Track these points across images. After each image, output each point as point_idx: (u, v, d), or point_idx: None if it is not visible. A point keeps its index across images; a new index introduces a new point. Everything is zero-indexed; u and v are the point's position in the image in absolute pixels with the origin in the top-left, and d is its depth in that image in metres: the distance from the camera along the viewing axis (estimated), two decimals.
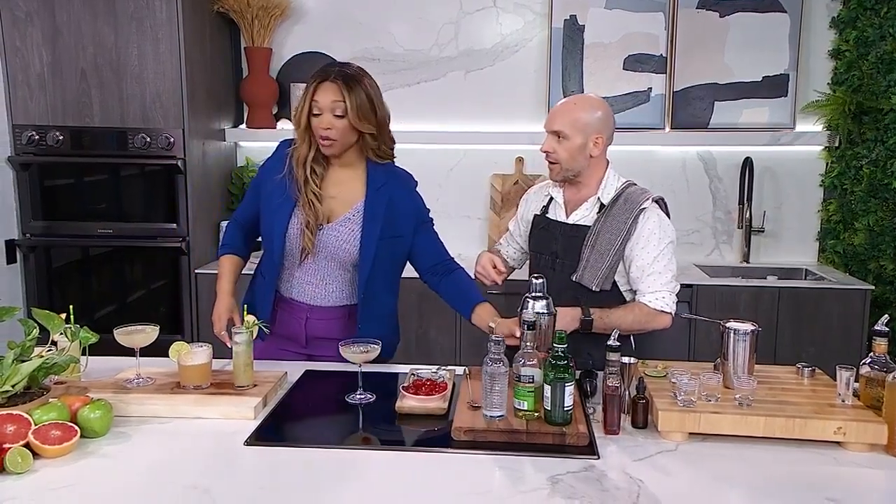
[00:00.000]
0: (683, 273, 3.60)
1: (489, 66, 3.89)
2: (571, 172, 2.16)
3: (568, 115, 2.12)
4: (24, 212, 3.51)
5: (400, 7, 3.86)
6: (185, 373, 1.84)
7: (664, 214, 2.16)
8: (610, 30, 3.79)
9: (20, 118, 3.45)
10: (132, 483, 1.49)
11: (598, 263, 2.12)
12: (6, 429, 1.53)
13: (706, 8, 3.74)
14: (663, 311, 2.11)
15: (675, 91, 3.79)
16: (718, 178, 3.90)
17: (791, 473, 1.57)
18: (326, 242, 2.12)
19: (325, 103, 2.01)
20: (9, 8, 3.38)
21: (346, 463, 1.59)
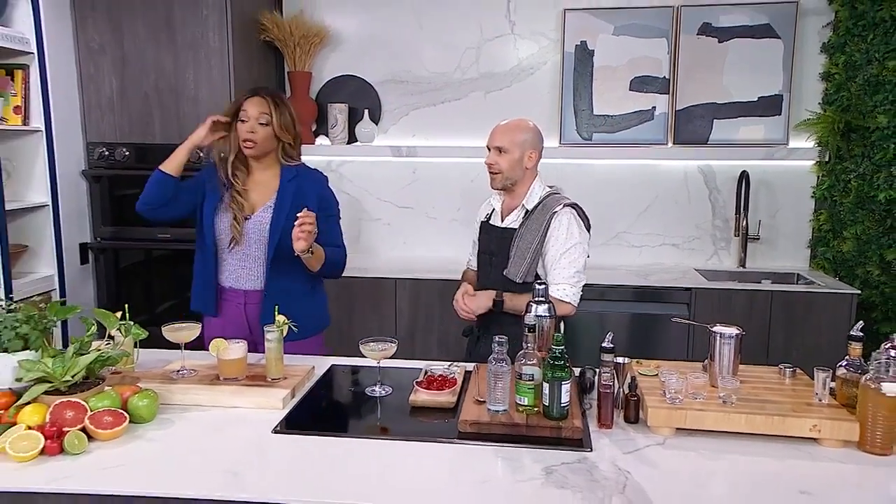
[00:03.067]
0: (683, 276, 3.56)
1: (507, 87, 3.88)
2: (510, 181, 2.27)
3: (508, 134, 2.24)
4: (95, 218, 3.59)
5: (426, 34, 3.87)
6: (222, 366, 1.87)
7: (576, 219, 2.24)
8: (617, 54, 3.75)
9: (93, 136, 3.53)
10: (172, 465, 1.52)
11: (521, 260, 2.22)
12: (65, 414, 1.57)
13: (706, 34, 3.68)
14: (563, 300, 2.19)
15: (677, 110, 3.74)
16: (717, 189, 3.84)
17: (768, 467, 1.55)
18: (249, 231, 2.25)
19: (253, 113, 2.22)
20: (85, 41, 3.46)
21: (365, 451, 1.60)
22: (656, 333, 3.39)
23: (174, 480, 1.45)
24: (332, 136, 3.88)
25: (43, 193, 3.31)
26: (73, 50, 3.46)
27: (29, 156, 3.29)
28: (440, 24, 3.85)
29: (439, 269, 3.55)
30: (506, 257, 2.23)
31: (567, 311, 2.21)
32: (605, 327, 3.41)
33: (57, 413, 1.57)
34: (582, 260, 2.24)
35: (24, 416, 1.58)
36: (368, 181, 4.01)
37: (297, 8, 3.88)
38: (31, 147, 3.28)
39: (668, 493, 1.42)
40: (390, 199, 4.01)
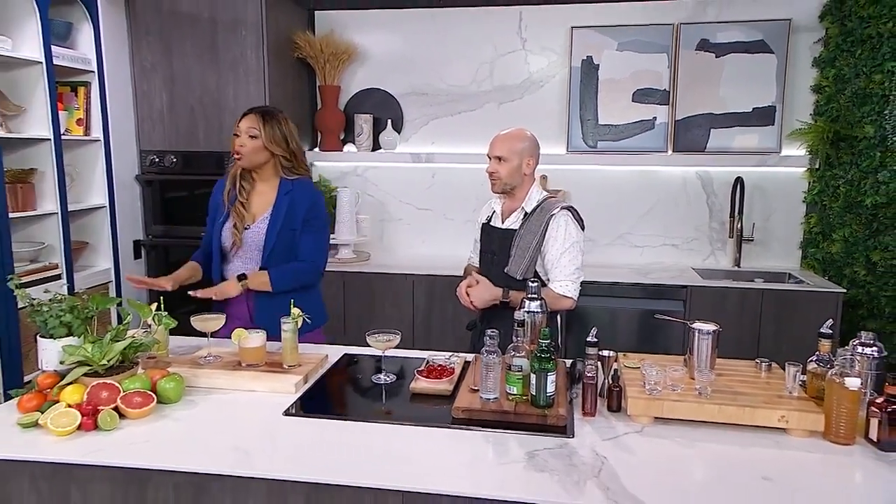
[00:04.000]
0: (681, 275, 3.50)
1: (518, 98, 3.86)
2: (509, 186, 2.26)
3: (506, 143, 2.23)
4: (147, 218, 3.67)
5: (445, 51, 3.87)
6: (243, 353, 1.90)
7: (572, 220, 2.23)
8: (621, 68, 3.70)
9: (146, 145, 3.60)
10: (191, 443, 1.55)
11: (521, 258, 2.21)
12: (101, 394, 1.61)
13: (704, 50, 3.61)
14: (565, 295, 2.19)
15: (676, 120, 3.68)
16: (714, 193, 3.77)
17: (735, 455, 1.52)
18: (248, 238, 2.28)
19: (243, 127, 2.25)
20: (139, 61, 3.54)
21: (367, 433, 1.61)
22: (655, 328, 3.34)
23: (192, 457, 1.48)
24: (358, 144, 3.90)
25: (101, 196, 3.39)
26: (129, 68, 3.54)
27: (90, 163, 3.37)
28: (457, 42, 3.84)
29: (454, 266, 3.53)
30: (506, 256, 2.23)
31: (568, 305, 2.22)
32: (606, 322, 3.39)
33: (93, 393, 1.61)
34: (580, 258, 2.23)
35: (66, 395, 1.62)
36: (391, 185, 4.02)
37: (327, 28, 3.90)
38: (91, 155, 3.36)
39: (639, 477, 1.41)
40: (411, 201, 4.02)
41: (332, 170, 4.04)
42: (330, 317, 2.53)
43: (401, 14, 3.87)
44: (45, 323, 1.70)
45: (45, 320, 1.70)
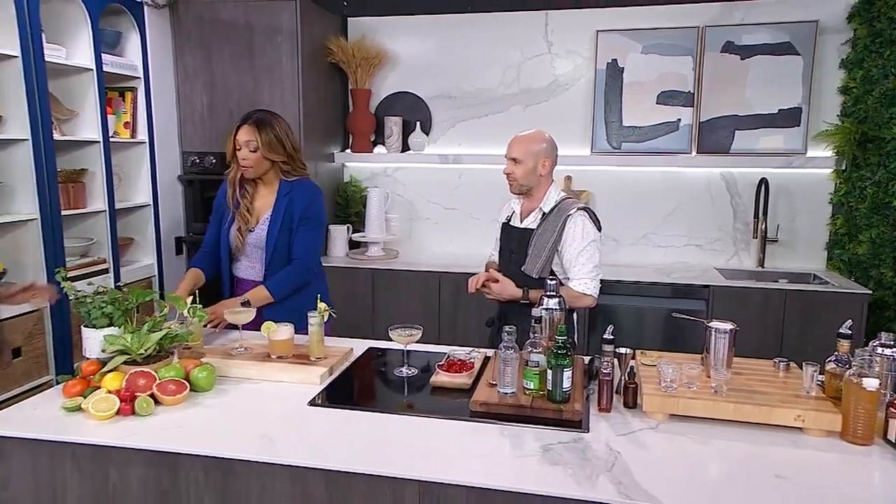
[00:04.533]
0: (704, 275, 3.44)
1: (544, 101, 3.82)
2: (526, 187, 2.24)
3: (522, 146, 2.21)
4: (188, 216, 3.74)
5: (472, 55, 3.86)
6: (272, 345, 1.93)
7: (589, 221, 2.21)
8: (645, 70, 3.64)
9: (187, 146, 3.68)
10: (221, 428, 1.58)
11: (538, 257, 2.19)
12: (138, 382, 1.66)
13: (729, 52, 3.53)
14: (585, 293, 2.18)
15: (701, 121, 3.60)
16: (738, 194, 3.68)
17: (750, 453, 1.49)
18: (251, 240, 2.34)
19: (242, 141, 2.26)
20: (182, 66, 3.61)
21: (388, 424, 1.62)
22: (679, 328, 3.27)
23: (221, 443, 1.51)
24: (388, 146, 3.93)
25: (146, 195, 3.47)
26: (173, 74, 3.62)
27: (135, 164, 3.46)
28: (485, 46, 3.83)
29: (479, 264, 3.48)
30: (524, 255, 2.22)
31: (588, 302, 2.20)
32: (630, 321, 3.35)
33: (131, 380, 1.66)
34: (597, 256, 2.21)
35: (106, 381, 1.67)
36: (419, 185, 4.03)
37: (359, 34, 3.93)
38: (137, 156, 3.45)
39: (652, 473, 1.39)
40: (438, 201, 4.02)
41: (363, 170, 4.07)
42: (339, 312, 2.56)
43: (430, 20, 3.88)
44: (88, 314, 1.76)
45: (88, 311, 1.76)
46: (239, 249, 2.36)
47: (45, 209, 2.75)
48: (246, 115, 2.32)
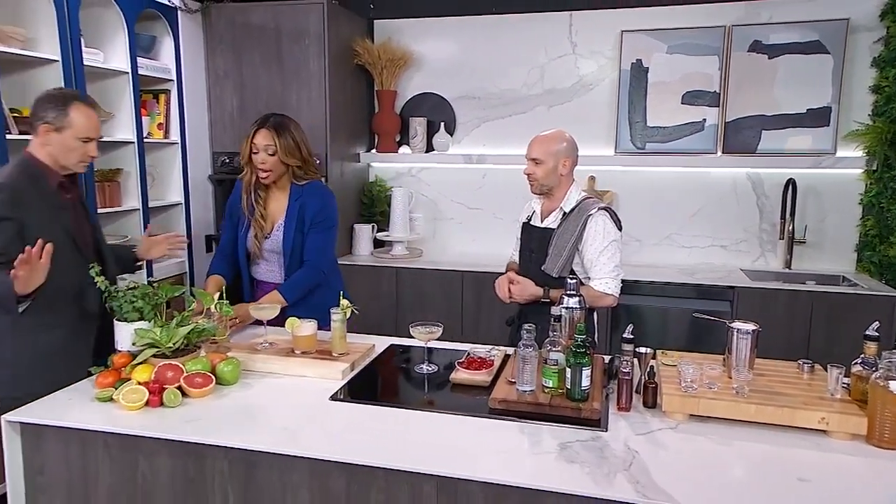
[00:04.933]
0: (728, 276, 3.37)
1: (568, 101, 3.79)
2: (546, 187, 2.22)
3: (542, 146, 2.19)
4: (218, 214, 3.81)
5: (496, 56, 3.84)
6: (296, 341, 1.95)
7: (610, 220, 2.18)
8: (670, 70, 3.59)
9: (217, 147, 3.74)
10: (244, 421, 1.61)
11: (558, 256, 2.17)
12: (166, 374, 1.69)
13: (756, 51, 3.46)
14: (606, 293, 2.16)
15: (726, 121, 3.54)
16: (765, 195, 3.60)
17: (772, 455, 1.45)
18: (267, 245, 2.36)
19: (260, 144, 2.25)
20: (213, 69, 3.67)
21: (407, 420, 1.62)
22: (703, 329, 3.22)
23: (244, 435, 1.53)
24: (412, 146, 3.94)
25: (178, 194, 3.54)
26: (204, 76, 3.68)
27: (168, 163, 3.53)
28: (509, 47, 3.81)
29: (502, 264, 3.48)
30: (544, 254, 2.20)
31: (610, 302, 2.18)
32: (654, 321, 3.30)
33: (160, 373, 1.69)
34: (618, 256, 2.19)
35: (136, 373, 1.71)
36: (443, 185, 4.03)
37: (385, 35, 3.95)
38: (170, 156, 3.52)
39: (670, 473, 1.36)
40: (462, 201, 4.02)
41: (388, 170, 4.09)
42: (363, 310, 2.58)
43: (455, 21, 3.87)
44: (119, 308, 1.80)
45: (119, 305, 1.80)
46: (257, 254, 2.38)
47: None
48: (261, 119, 2.30)
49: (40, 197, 1.89)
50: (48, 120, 1.91)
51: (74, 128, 1.92)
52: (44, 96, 1.96)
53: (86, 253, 2.00)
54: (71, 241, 1.95)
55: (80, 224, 2.04)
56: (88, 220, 2.10)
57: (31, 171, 1.93)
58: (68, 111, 1.92)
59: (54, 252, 1.74)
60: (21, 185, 1.88)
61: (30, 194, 1.88)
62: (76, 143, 1.94)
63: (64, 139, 1.92)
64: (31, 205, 1.86)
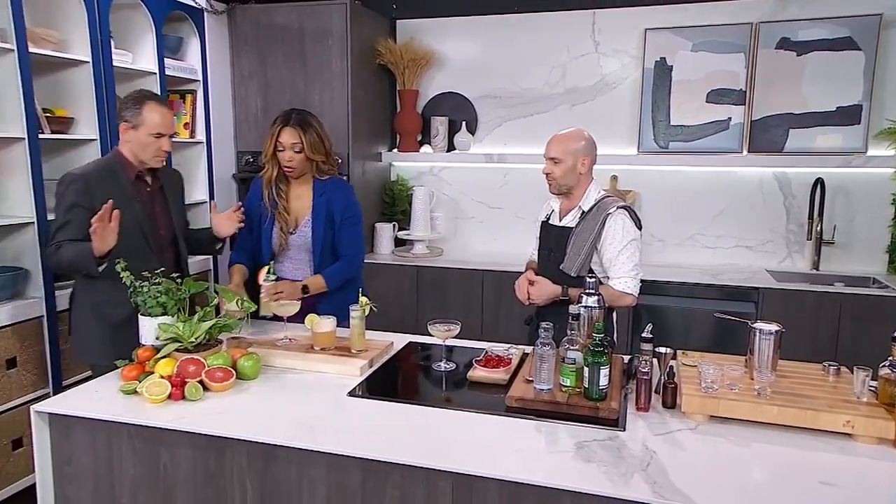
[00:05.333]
0: (754, 277, 3.31)
1: (591, 100, 3.76)
2: (566, 186, 2.19)
3: (561, 145, 2.17)
4: None
5: (519, 55, 3.83)
6: (315, 337, 1.96)
7: (629, 219, 2.15)
8: (695, 68, 3.54)
9: (241, 146, 3.79)
10: (262, 415, 1.62)
11: (576, 255, 2.15)
12: (188, 368, 1.72)
13: (784, 49, 3.39)
14: (626, 292, 2.12)
15: (753, 120, 3.48)
16: (792, 195, 3.53)
17: (793, 458, 1.42)
18: (294, 242, 2.39)
19: (287, 143, 2.29)
20: (238, 69, 3.72)
21: (424, 416, 1.63)
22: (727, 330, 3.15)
23: (263, 429, 1.54)
24: (434, 145, 3.94)
25: (203, 192, 3.59)
26: (230, 77, 3.73)
27: (194, 162, 3.58)
28: (531, 46, 3.80)
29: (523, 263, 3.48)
30: (563, 253, 2.18)
31: (629, 301, 2.15)
32: (677, 322, 3.26)
33: (182, 367, 1.72)
34: (637, 255, 2.16)
35: (160, 367, 1.74)
36: (464, 184, 4.03)
37: (407, 35, 3.96)
38: (195, 155, 3.57)
39: (689, 474, 1.35)
40: (483, 200, 4.02)
41: (409, 169, 4.11)
42: (384, 308, 2.62)
43: (477, 21, 3.87)
44: (144, 302, 1.83)
45: (144, 300, 1.83)
46: (283, 250, 2.39)
47: None
48: (284, 116, 2.33)
49: (114, 188, 2.06)
50: (126, 119, 2.14)
51: (147, 125, 2.13)
52: (124, 99, 2.18)
53: (154, 241, 2.21)
54: (139, 230, 2.14)
55: (154, 214, 2.25)
56: (167, 211, 2.29)
57: (111, 165, 2.16)
58: (142, 110, 2.13)
59: (123, 235, 1.97)
60: (96, 177, 2.10)
61: (104, 185, 2.08)
62: (150, 139, 2.14)
63: (139, 135, 2.13)
64: (104, 194, 2.02)
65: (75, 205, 2.04)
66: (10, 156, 2.52)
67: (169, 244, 2.29)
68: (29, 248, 2.57)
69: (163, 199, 2.30)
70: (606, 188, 3.04)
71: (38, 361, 2.58)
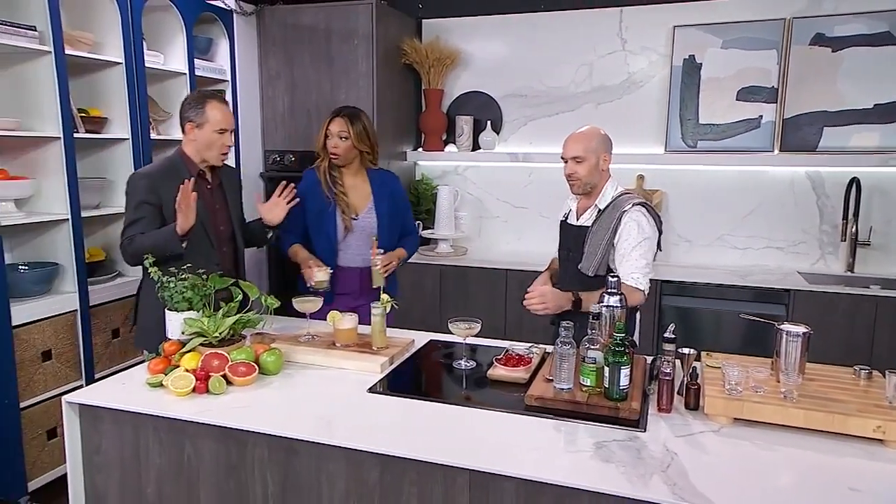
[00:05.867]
0: (785, 279, 3.24)
1: (617, 99, 3.72)
2: (590, 185, 2.16)
3: (581, 143, 2.14)
4: None
5: (544, 54, 3.81)
6: (337, 334, 1.98)
7: (645, 216, 2.10)
8: (725, 66, 3.47)
9: (269, 145, 3.84)
10: (283, 409, 1.65)
11: (593, 255, 2.10)
12: (212, 362, 1.75)
13: (819, 44, 3.30)
14: (637, 287, 2.06)
15: (785, 118, 3.40)
16: (826, 195, 3.44)
17: (820, 463, 1.39)
18: (358, 227, 2.52)
19: (335, 131, 2.49)
20: (266, 69, 3.77)
21: (443, 414, 1.63)
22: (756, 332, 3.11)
23: (284, 423, 1.57)
24: (458, 145, 3.95)
25: None
26: (258, 76, 3.78)
27: None
28: (557, 45, 3.77)
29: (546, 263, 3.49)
30: (580, 253, 2.14)
31: (639, 298, 2.08)
32: (707, 324, 3.20)
33: (206, 361, 1.75)
34: (651, 254, 2.10)
35: (185, 361, 1.78)
36: (489, 184, 4.02)
37: (433, 34, 3.97)
38: None
39: (710, 476, 1.32)
40: (508, 199, 4.00)
41: (434, 169, 4.11)
42: (407, 307, 2.70)
43: (503, 20, 3.86)
44: (170, 297, 1.87)
45: (170, 295, 1.87)
46: (347, 234, 2.51)
47: None
48: (336, 110, 2.56)
49: (178, 184, 2.12)
50: (191, 118, 2.24)
51: (211, 122, 2.23)
52: (186, 100, 2.30)
53: (215, 236, 2.33)
54: (201, 225, 2.23)
55: (214, 210, 2.36)
56: (226, 206, 2.41)
57: (175, 163, 2.28)
58: (205, 108, 2.23)
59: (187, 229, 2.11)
60: (159, 174, 2.23)
61: (168, 182, 2.18)
62: (214, 136, 2.24)
63: (204, 133, 2.24)
64: (168, 191, 2.15)
65: (143, 202, 2.18)
66: (47, 154, 2.61)
67: (228, 239, 2.41)
68: (63, 245, 2.65)
69: (222, 196, 2.41)
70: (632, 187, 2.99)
71: (71, 354, 2.65)
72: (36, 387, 2.52)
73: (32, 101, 2.57)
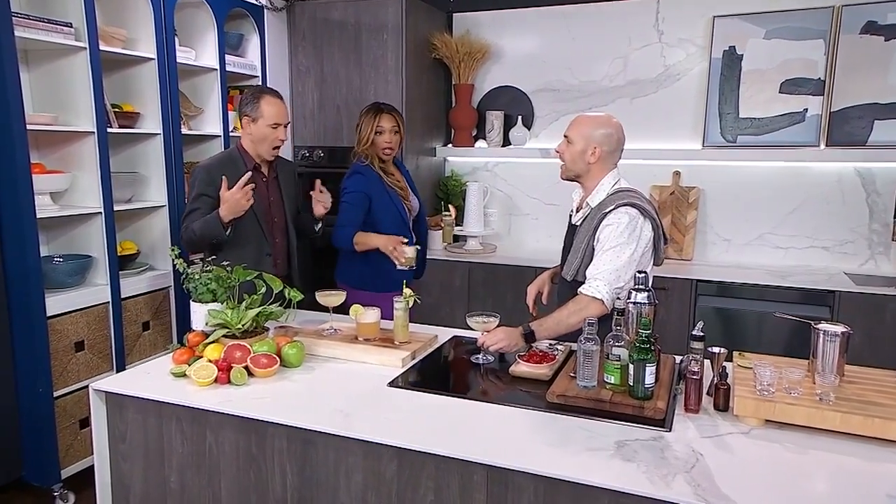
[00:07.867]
0: (830, 279, 3.14)
1: (653, 93, 3.67)
2: (573, 173, 2.06)
3: (578, 126, 2.02)
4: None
5: (577, 47, 3.78)
6: (359, 328, 2.00)
7: (633, 219, 1.90)
8: (768, 57, 3.38)
9: (298, 141, 3.90)
10: (303, 401, 1.67)
11: (574, 258, 1.99)
12: (235, 354, 1.79)
13: (870, 33, 3.19)
14: (594, 297, 1.86)
15: (832, 111, 3.29)
16: (877, 192, 3.32)
17: (857, 467, 1.35)
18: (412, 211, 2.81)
19: (387, 126, 2.69)
20: (296, 65, 3.83)
21: (463, 409, 1.63)
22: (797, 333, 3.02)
23: (303, 415, 1.59)
24: (489, 140, 3.94)
25: None
26: (288, 72, 3.85)
27: None
28: (591, 38, 3.74)
29: None
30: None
31: (598, 309, 1.85)
32: (742, 324, 3.13)
33: (229, 352, 1.80)
34: (623, 260, 1.88)
35: (208, 351, 1.82)
36: (519, 180, 4.01)
37: (464, 28, 3.98)
38: None
39: (736, 479, 1.29)
40: (538, 196, 3.98)
41: (464, 165, 4.12)
42: (435, 304, 2.73)
43: (535, 13, 3.84)
44: (195, 289, 1.92)
45: (195, 287, 1.92)
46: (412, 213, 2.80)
47: (172, 197, 3.04)
48: (375, 106, 2.74)
49: (235, 177, 2.24)
50: (247, 113, 2.36)
51: (266, 116, 2.34)
52: (243, 96, 2.42)
53: (268, 227, 2.45)
54: (255, 217, 2.36)
55: (269, 202, 2.48)
56: (281, 199, 2.53)
57: (231, 156, 2.42)
58: (260, 103, 2.34)
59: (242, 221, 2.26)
60: (216, 168, 2.34)
61: (224, 174, 2.27)
62: (268, 130, 2.35)
63: (259, 127, 2.35)
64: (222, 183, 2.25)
65: (201, 194, 2.31)
66: (82, 149, 2.70)
67: (282, 231, 2.53)
68: (96, 237, 2.74)
69: (277, 188, 2.53)
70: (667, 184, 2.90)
71: (103, 345, 2.75)
72: (69, 376, 2.62)
73: (68, 96, 2.67)
